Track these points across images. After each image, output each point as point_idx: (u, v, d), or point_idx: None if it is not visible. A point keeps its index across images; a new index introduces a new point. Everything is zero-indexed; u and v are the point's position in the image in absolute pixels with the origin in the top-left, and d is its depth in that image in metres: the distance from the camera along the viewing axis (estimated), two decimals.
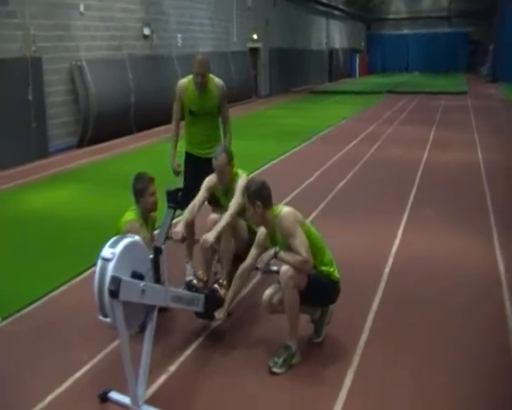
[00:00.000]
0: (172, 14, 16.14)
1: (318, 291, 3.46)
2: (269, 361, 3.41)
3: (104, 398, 3.19)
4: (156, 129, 14.22)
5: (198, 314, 3.77)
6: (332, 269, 3.53)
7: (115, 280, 2.83)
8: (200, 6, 18.03)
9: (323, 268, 3.48)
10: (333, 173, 9.13)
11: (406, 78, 37.61)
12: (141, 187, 3.97)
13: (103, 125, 12.66)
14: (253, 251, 3.61)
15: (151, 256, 3.21)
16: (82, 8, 12.08)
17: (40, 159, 10.94)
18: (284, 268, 3.32)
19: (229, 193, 4.26)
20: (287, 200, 7.31)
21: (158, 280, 3.22)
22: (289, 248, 3.31)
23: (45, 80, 11.13)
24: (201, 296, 3.68)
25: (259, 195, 3.41)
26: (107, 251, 2.94)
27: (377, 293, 4.51)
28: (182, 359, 3.64)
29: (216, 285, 3.81)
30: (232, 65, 19.90)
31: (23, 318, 4.29)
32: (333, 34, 37.49)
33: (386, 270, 4.98)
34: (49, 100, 11.34)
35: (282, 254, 3.34)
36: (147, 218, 4.06)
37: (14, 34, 10.35)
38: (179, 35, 16.44)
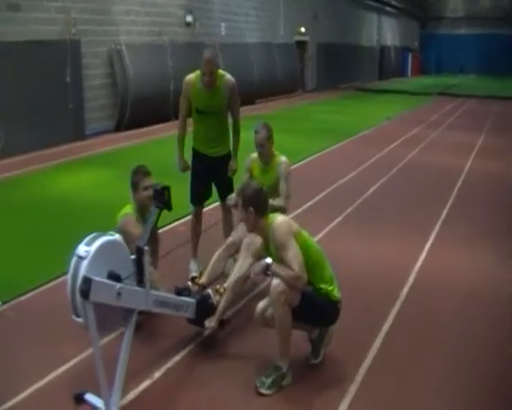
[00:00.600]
0: (216, 3, 15.97)
1: (314, 311, 3.15)
2: (256, 380, 3.13)
3: (79, 399, 2.97)
4: None
5: (189, 320, 3.54)
6: (331, 288, 3.20)
7: (86, 280, 2.65)
8: None
9: (322, 286, 3.16)
10: (367, 176, 8.72)
11: (460, 80, 36.19)
12: (135, 180, 3.78)
13: (141, 110, 12.63)
14: (247, 260, 3.33)
15: (133, 257, 2.99)
16: None
17: (76, 141, 11.00)
18: (275, 282, 3.03)
19: (267, 171, 4.34)
20: (314, 200, 7.03)
21: (141, 282, 3.00)
22: (282, 260, 3.01)
23: (84, 63, 11.15)
24: (191, 302, 3.44)
25: (253, 201, 3.13)
26: (82, 249, 2.75)
27: (391, 313, 4.14)
28: (168, 365, 3.43)
29: (210, 291, 3.55)
30: (277, 57, 19.56)
31: (23, 303, 4.20)
32: (384, 31, 36.48)
33: (405, 289, 4.58)
34: (87, 83, 11.36)
35: (275, 266, 3.04)
36: (144, 213, 3.83)
37: (55, 17, 10.40)
38: (223, 24, 16.25)
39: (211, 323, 3.47)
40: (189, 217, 5.17)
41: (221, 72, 4.44)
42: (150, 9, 13.04)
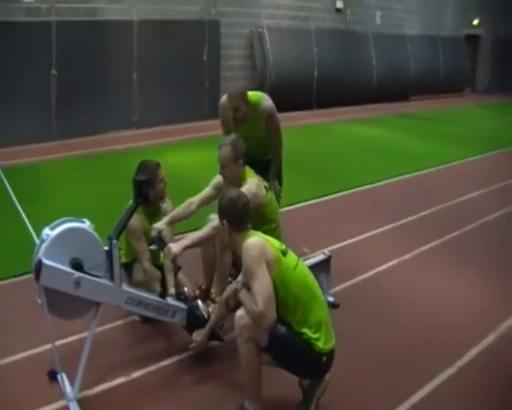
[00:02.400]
0: None
1: (287, 358, 2.61)
2: None
3: (52, 377, 3.00)
4: (338, 109, 13.68)
5: (183, 327, 3.27)
6: (317, 336, 2.57)
7: (38, 263, 2.62)
8: None
9: (304, 330, 2.57)
10: (495, 197, 7.47)
11: None
12: (150, 175, 3.47)
13: (280, 95, 12.32)
14: (239, 277, 2.91)
15: (106, 248, 2.81)
16: None
17: (211, 119, 11.27)
18: (239, 314, 2.57)
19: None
20: (417, 216, 6.20)
21: (111, 276, 2.83)
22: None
23: (223, 44, 11.32)
24: (180, 307, 3.16)
25: (228, 213, 2.71)
26: (44, 232, 2.70)
27: (434, 380, 3.20)
28: (151, 368, 3.22)
29: (199, 301, 3.22)
30: (441, 52, 17.97)
31: None
32: None
33: (473, 351, 3.56)
34: (224, 63, 11.53)
35: (243, 293, 2.59)
36: (154, 212, 3.63)
37: None
38: (378, 12, 15.32)
39: (197, 337, 3.14)
40: None
41: (256, 98, 3.98)
42: None
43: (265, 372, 2.74)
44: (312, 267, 3.90)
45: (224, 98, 4.04)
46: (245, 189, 3.23)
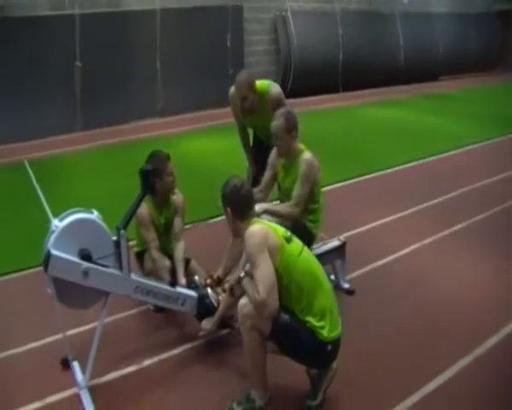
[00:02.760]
0: None
1: (291, 347, 2.59)
2: (228, 402, 2.76)
3: (66, 365, 3.08)
4: (364, 91, 13.46)
5: (194, 315, 3.30)
6: (321, 324, 2.54)
7: (47, 254, 2.68)
8: None
9: (308, 319, 2.55)
10: None
11: None
12: (158, 166, 3.46)
13: (305, 78, 12.40)
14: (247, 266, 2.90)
15: (114, 238, 2.85)
16: None
17: None
18: (242, 302, 2.57)
19: (290, 171, 3.64)
20: (440, 199, 6.04)
21: (120, 265, 2.87)
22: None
23: (246, 29, 11.26)
24: (189, 296, 3.18)
25: (231, 200, 2.68)
26: (54, 223, 2.77)
27: (451, 368, 3.11)
28: (163, 356, 3.26)
29: (209, 290, 3.23)
30: (471, 30, 17.39)
31: None
32: None
33: (493, 339, 3.41)
34: (248, 48, 11.48)
35: (246, 281, 2.58)
36: (163, 203, 3.66)
37: None
38: None
39: (207, 325, 3.16)
40: None
41: (264, 87, 3.93)
42: None
43: (274, 361, 2.75)
44: (327, 253, 3.90)
45: (232, 89, 4.00)
46: (307, 156, 3.50)
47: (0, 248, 4.91)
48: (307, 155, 3.56)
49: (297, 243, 2.68)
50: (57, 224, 2.73)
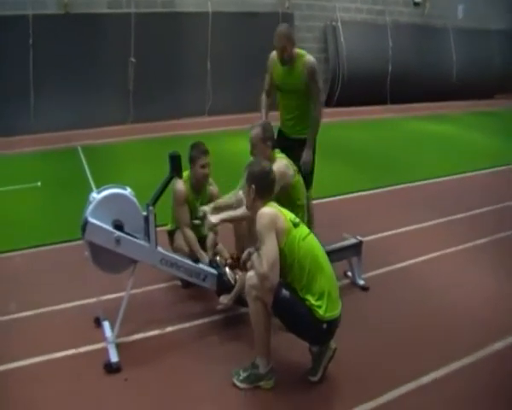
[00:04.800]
0: None
1: (289, 320, 2.88)
2: (235, 369, 3.06)
3: (98, 323, 3.48)
4: (413, 105, 13.46)
5: (214, 290, 3.62)
6: (319, 303, 2.81)
7: (84, 221, 3.05)
8: None
9: (307, 297, 2.83)
10: None
11: None
12: (193, 155, 3.92)
13: (353, 88, 12.56)
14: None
15: (144, 214, 3.21)
16: None
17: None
18: (249, 274, 2.88)
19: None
20: (470, 213, 6.07)
21: (148, 238, 3.22)
22: None
23: (296, 36, 11.45)
24: (210, 272, 3.51)
25: (259, 180, 2.96)
26: (92, 195, 3.15)
27: (448, 366, 3.24)
28: (184, 325, 3.61)
29: (227, 268, 3.55)
30: None
31: None
32: None
33: (496, 345, 3.51)
34: None
35: (255, 256, 2.88)
36: (200, 189, 4.02)
37: None
38: (461, 6, 14.81)
39: (224, 300, 3.49)
40: None
41: (302, 52, 4.29)
42: None
43: (279, 339, 3.06)
44: (344, 249, 4.15)
45: (274, 51, 4.33)
46: (274, 167, 3.46)
47: (52, 221, 5.53)
48: (279, 162, 3.71)
49: (304, 228, 2.98)
50: (95, 196, 3.12)
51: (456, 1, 14.87)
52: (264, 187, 2.99)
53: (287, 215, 2.94)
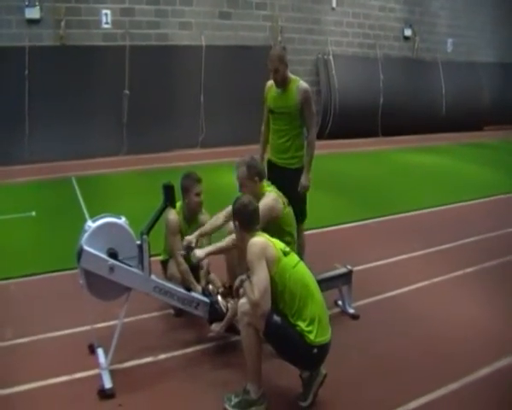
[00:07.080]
0: (443, 17, 14.99)
1: (281, 346, 2.95)
2: (227, 394, 3.11)
3: (92, 350, 3.52)
4: (404, 137, 13.64)
5: (206, 319, 3.68)
6: (309, 329, 2.89)
7: (80, 249, 3.14)
8: (479, 9, 16.05)
9: (299, 323, 2.91)
10: None
11: None
12: (187, 185, 4.00)
13: (344, 121, 12.73)
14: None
15: (138, 242, 3.29)
16: (334, 4, 12.31)
17: None
18: (241, 302, 2.96)
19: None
20: (459, 243, 6.15)
21: (142, 266, 3.30)
22: None
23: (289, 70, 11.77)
24: (202, 300, 3.57)
25: (239, 215, 3.09)
26: (87, 224, 3.23)
27: (436, 391, 3.29)
28: (177, 353, 3.65)
29: (219, 297, 3.62)
30: None
31: None
32: None
33: (483, 371, 3.54)
34: None
35: (247, 284, 2.96)
36: (192, 219, 4.10)
37: (262, 25, 11.29)
38: (450, 40, 15.18)
39: (216, 327, 3.55)
40: None
41: (295, 77, 4.41)
42: (364, 21, 13.08)
43: (271, 365, 3.14)
44: (334, 278, 4.23)
45: (269, 81, 4.45)
46: (262, 203, 3.57)
47: (46, 250, 5.58)
48: (267, 197, 3.81)
49: (294, 257, 3.08)
50: (90, 224, 3.21)
51: (446, 35, 15.24)
52: (246, 220, 3.09)
53: (276, 244, 3.03)
